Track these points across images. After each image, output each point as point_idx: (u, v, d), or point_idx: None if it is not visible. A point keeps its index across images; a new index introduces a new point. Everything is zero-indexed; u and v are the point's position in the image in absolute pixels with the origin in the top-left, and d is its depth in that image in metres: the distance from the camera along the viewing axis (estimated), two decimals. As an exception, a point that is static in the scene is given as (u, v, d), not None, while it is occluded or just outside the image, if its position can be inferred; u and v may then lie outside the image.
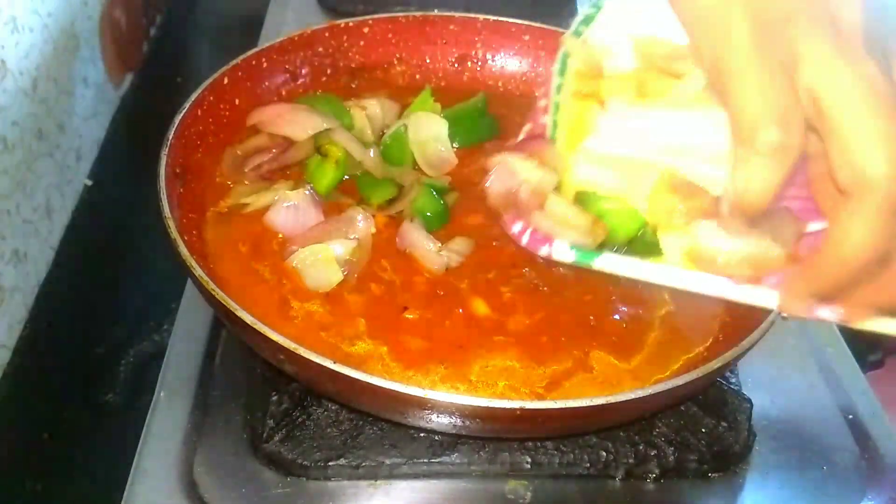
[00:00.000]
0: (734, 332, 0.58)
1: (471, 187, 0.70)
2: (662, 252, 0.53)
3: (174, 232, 0.57)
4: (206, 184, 0.69)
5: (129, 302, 0.85)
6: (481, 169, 0.72)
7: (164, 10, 1.26)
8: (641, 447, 0.60)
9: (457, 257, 0.64)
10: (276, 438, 0.59)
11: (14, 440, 0.74)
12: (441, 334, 0.60)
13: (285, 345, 0.50)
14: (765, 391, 0.67)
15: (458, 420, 0.52)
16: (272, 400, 0.60)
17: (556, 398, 0.56)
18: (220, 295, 0.53)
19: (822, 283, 0.43)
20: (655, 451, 0.60)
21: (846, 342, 0.73)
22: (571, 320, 0.62)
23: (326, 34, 0.80)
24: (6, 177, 0.77)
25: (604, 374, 0.59)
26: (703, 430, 0.62)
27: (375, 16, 0.82)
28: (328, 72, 0.81)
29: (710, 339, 0.62)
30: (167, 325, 0.71)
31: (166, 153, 0.63)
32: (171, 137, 0.64)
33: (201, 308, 0.69)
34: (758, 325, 0.55)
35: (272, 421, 0.60)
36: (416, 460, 0.59)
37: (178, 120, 0.66)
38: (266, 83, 0.77)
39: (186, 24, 1.28)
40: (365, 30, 0.82)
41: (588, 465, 0.60)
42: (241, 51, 0.75)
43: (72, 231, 0.91)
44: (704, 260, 0.50)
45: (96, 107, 1.00)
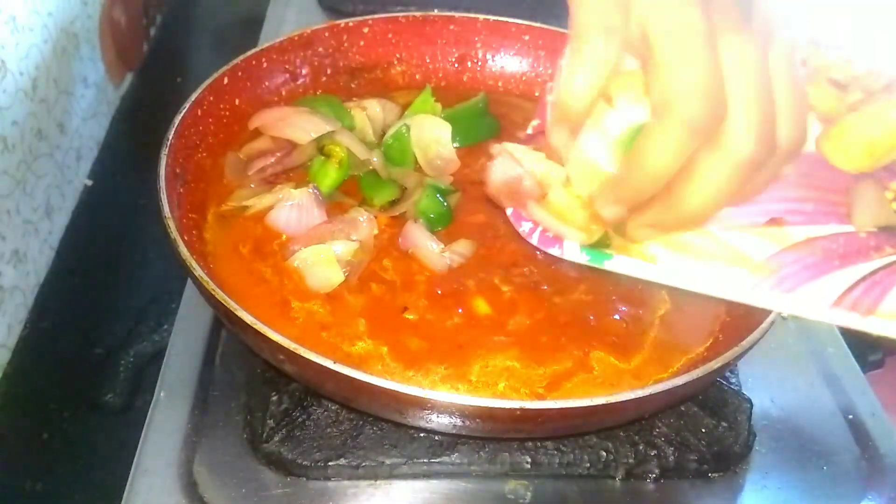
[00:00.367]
0: (734, 332, 0.58)
1: (472, 187, 0.70)
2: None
3: (174, 232, 0.57)
4: (206, 184, 0.69)
5: (129, 302, 0.85)
6: (483, 168, 0.72)
7: (164, 10, 1.26)
8: (641, 447, 0.60)
9: (459, 259, 0.64)
10: (276, 438, 0.59)
11: (14, 440, 0.74)
12: (441, 334, 0.60)
13: (285, 345, 0.50)
14: (765, 391, 0.67)
15: (458, 420, 0.52)
16: (272, 400, 0.60)
17: (557, 398, 0.56)
18: (219, 295, 0.53)
19: (625, 191, 0.48)
20: (655, 451, 0.60)
21: (846, 342, 0.73)
22: (572, 320, 0.62)
23: (326, 34, 0.80)
24: (6, 177, 0.78)
25: (604, 375, 0.59)
26: (704, 430, 0.62)
27: (375, 16, 0.82)
28: (328, 72, 0.81)
29: (711, 339, 0.62)
30: (167, 325, 0.71)
31: (166, 153, 0.63)
32: (171, 137, 0.64)
33: (201, 308, 0.69)
34: (758, 325, 0.55)
35: (272, 421, 0.60)
36: (416, 460, 0.59)
37: (178, 120, 0.66)
38: (266, 83, 0.77)
39: (186, 24, 1.28)
40: (365, 30, 0.82)
41: (588, 465, 0.60)
42: (241, 51, 0.75)
43: (72, 231, 0.91)
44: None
45: (96, 107, 1.00)
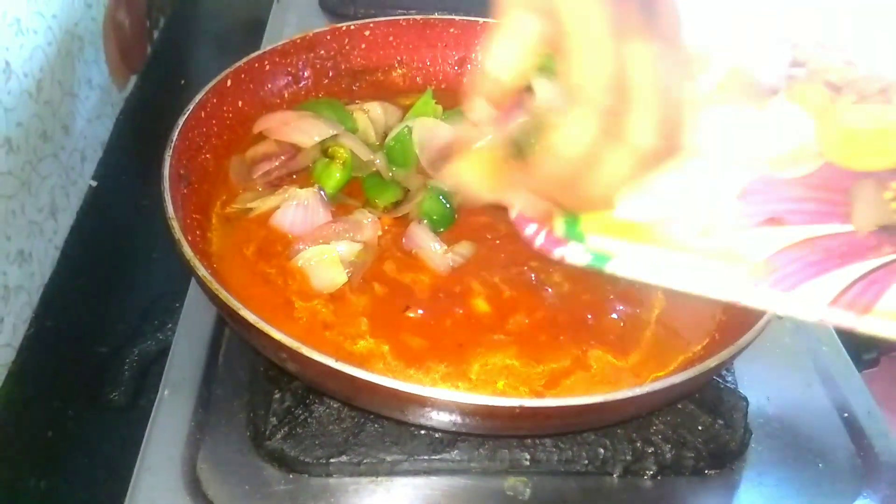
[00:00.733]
0: (731, 330, 0.59)
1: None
2: None
3: (178, 232, 0.57)
4: (210, 185, 0.69)
5: (133, 301, 0.85)
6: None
7: (167, 13, 1.26)
8: (639, 444, 0.61)
9: (461, 259, 0.65)
10: (279, 436, 0.59)
11: (18, 438, 0.75)
12: (442, 333, 0.60)
13: (288, 343, 0.51)
14: (761, 389, 0.67)
15: (459, 418, 0.52)
16: (275, 398, 0.61)
17: (555, 396, 0.57)
18: (223, 294, 0.54)
19: (539, 178, 0.49)
20: (653, 449, 0.61)
21: (842, 341, 0.73)
22: (570, 319, 0.63)
23: (328, 37, 0.81)
24: (11, 178, 0.78)
25: (602, 373, 0.60)
26: (700, 427, 0.62)
27: (376, 19, 0.83)
28: (330, 74, 0.82)
29: (707, 338, 0.63)
30: (171, 324, 0.72)
31: (170, 155, 0.63)
32: (174, 139, 0.65)
33: (205, 307, 0.69)
34: (754, 324, 0.56)
35: (275, 418, 0.60)
36: (416, 457, 0.60)
37: (181, 122, 0.66)
38: (269, 85, 0.77)
39: (190, 27, 1.28)
40: (366, 33, 0.82)
41: (586, 461, 0.60)
42: (244, 53, 0.76)
43: (76, 231, 0.91)
44: None
45: (100, 108, 1.01)
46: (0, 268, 0.76)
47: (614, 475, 0.61)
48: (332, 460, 0.59)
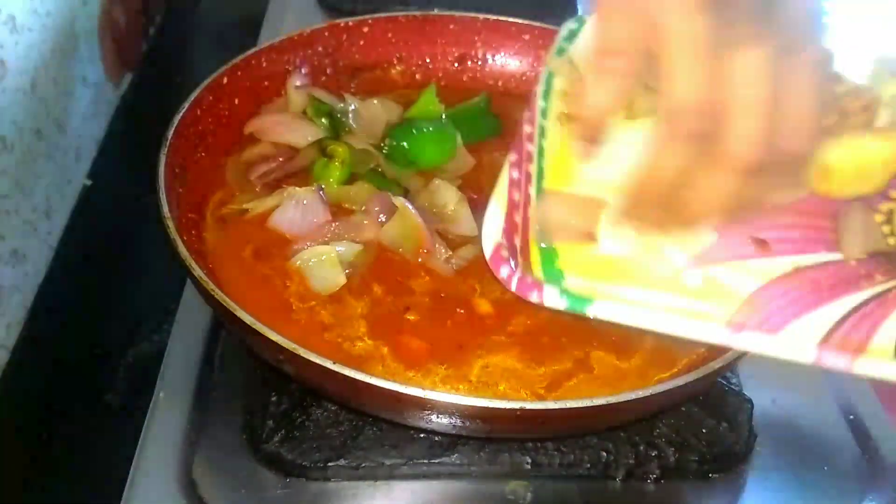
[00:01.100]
0: (735, 332, 0.58)
1: (475, 185, 0.70)
2: None
3: (173, 232, 0.57)
4: (206, 184, 0.69)
5: (128, 302, 0.84)
6: (485, 166, 0.73)
7: (163, 10, 1.26)
8: (642, 447, 0.60)
9: (463, 262, 0.64)
10: (276, 439, 0.59)
11: (13, 440, 0.74)
12: (442, 335, 0.60)
13: (285, 345, 0.50)
14: (765, 391, 0.67)
15: (459, 421, 0.52)
16: (272, 400, 0.60)
17: (557, 399, 0.56)
18: (219, 295, 0.53)
19: (630, 202, 0.50)
20: (656, 452, 0.60)
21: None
22: (572, 321, 0.61)
23: (326, 34, 0.80)
24: (5, 177, 0.77)
25: (604, 375, 0.59)
26: (704, 430, 0.61)
27: (375, 15, 0.82)
28: (328, 71, 0.81)
29: (711, 340, 0.62)
30: (167, 325, 0.71)
31: (166, 153, 0.63)
32: (170, 137, 0.64)
33: (201, 308, 0.68)
34: (759, 326, 0.55)
35: (272, 421, 0.60)
36: (416, 461, 0.59)
37: (177, 119, 0.66)
38: (266, 83, 0.77)
39: (186, 24, 1.27)
40: (364, 29, 0.82)
41: (588, 465, 0.60)
42: (241, 50, 0.75)
43: (71, 231, 0.91)
44: None
45: (96, 106, 1.00)
46: (-7, 268, 0.76)
47: (617, 479, 0.60)
48: (329, 464, 0.58)
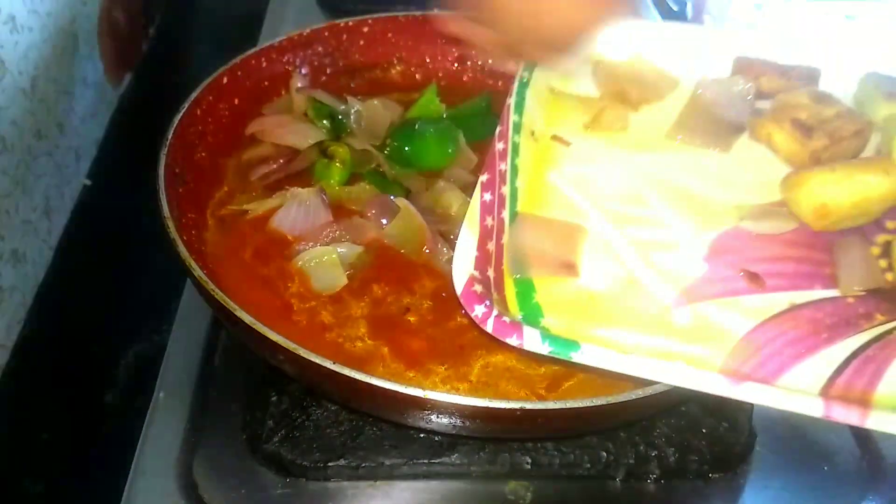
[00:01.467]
0: (735, 332, 0.58)
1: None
2: None
3: (173, 232, 0.57)
4: (206, 185, 0.69)
5: (128, 302, 0.84)
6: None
7: (163, 10, 1.25)
8: (642, 448, 0.60)
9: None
10: (276, 439, 0.59)
11: (13, 440, 0.74)
12: (442, 335, 0.60)
13: (284, 345, 0.50)
14: (765, 392, 0.67)
15: (459, 421, 0.52)
16: (272, 400, 0.61)
17: (557, 399, 0.56)
18: (219, 295, 0.53)
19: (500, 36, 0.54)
20: (656, 452, 0.60)
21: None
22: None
23: (326, 34, 0.80)
24: (5, 177, 0.77)
25: (604, 375, 0.59)
26: (704, 430, 0.62)
27: (375, 15, 0.82)
28: (328, 71, 0.81)
29: (711, 340, 0.62)
30: (166, 325, 0.71)
31: (165, 153, 0.63)
32: (170, 137, 0.64)
33: (201, 308, 0.68)
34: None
35: (272, 421, 0.60)
36: (415, 461, 0.59)
37: (177, 120, 0.66)
38: (265, 83, 0.77)
39: (185, 24, 1.27)
40: (364, 29, 0.82)
41: (588, 465, 0.60)
42: (241, 50, 0.75)
43: (71, 231, 0.90)
44: None
45: (95, 106, 1.00)
46: (-7, 268, 0.76)
47: (617, 479, 0.60)
48: (329, 464, 0.58)
